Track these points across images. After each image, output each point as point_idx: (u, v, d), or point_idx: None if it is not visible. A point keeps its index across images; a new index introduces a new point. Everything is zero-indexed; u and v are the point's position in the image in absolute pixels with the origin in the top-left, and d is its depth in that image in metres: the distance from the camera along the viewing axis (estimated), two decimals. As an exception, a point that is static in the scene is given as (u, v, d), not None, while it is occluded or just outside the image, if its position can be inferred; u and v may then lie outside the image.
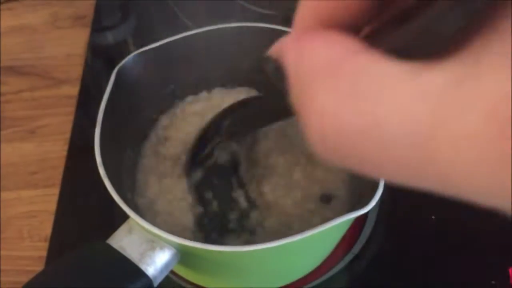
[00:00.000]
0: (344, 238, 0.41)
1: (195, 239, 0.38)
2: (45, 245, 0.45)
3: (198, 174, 0.43)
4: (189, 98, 0.47)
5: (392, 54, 0.14)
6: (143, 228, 0.33)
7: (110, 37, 0.64)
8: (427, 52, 0.13)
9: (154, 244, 0.33)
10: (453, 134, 0.12)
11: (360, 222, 0.44)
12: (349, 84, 0.14)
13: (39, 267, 0.43)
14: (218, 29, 0.44)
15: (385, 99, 0.13)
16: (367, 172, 0.14)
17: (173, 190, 0.43)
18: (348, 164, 0.15)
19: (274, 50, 0.19)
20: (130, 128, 0.44)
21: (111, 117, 0.39)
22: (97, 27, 0.63)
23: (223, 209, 0.42)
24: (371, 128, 0.13)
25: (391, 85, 0.13)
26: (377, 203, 0.44)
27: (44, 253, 0.44)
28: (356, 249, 0.43)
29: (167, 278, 0.42)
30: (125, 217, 0.34)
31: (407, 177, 0.13)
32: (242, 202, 0.42)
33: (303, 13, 0.16)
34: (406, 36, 0.14)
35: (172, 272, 0.42)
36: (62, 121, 0.53)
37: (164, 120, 0.47)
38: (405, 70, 0.13)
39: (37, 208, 0.47)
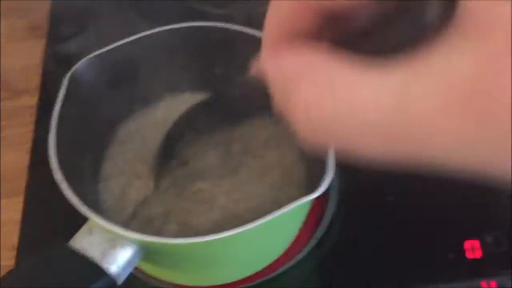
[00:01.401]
0: (306, 224, 0.42)
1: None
2: (12, 254, 0.45)
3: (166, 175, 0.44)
4: (150, 104, 0.48)
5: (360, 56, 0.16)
6: (102, 227, 0.33)
7: (71, 46, 0.63)
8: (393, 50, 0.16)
9: (115, 242, 0.33)
10: (419, 110, 0.14)
11: (322, 207, 0.45)
12: (326, 82, 0.16)
13: (7, 276, 0.43)
14: (170, 30, 0.44)
15: (358, 93, 0.15)
16: (351, 152, 0.17)
17: (139, 192, 0.44)
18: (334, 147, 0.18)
19: (255, 71, 0.24)
20: (90, 133, 0.44)
21: (68, 122, 0.39)
22: (57, 37, 0.63)
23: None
24: (351, 114, 0.16)
25: (360, 83, 0.16)
26: (337, 188, 0.45)
27: (12, 262, 0.44)
28: (319, 234, 0.44)
29: (136, 278, 0.42)
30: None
31: (386, 152, 0.16)
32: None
33: (269, 30, 0.20)
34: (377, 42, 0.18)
35: (142, 271, 0.43)
36: (23, 132, 0.53)
37: (126, 126, 0.47)
38: (368, 72, 0.16)
39: (2, 218, 0.48)
